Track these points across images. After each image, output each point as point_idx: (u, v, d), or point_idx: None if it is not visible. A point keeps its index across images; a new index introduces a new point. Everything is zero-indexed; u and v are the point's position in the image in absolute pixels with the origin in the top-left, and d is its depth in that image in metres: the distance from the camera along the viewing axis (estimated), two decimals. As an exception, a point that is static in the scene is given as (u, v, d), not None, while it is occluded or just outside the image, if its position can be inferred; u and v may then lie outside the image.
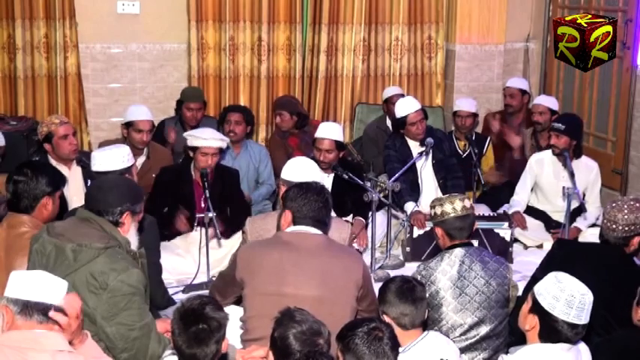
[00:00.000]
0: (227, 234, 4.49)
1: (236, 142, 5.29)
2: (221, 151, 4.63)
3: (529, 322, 2.54)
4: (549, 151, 4.96)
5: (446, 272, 3.23)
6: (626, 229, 3.23)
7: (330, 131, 4.72)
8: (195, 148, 4.50)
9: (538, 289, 2.52)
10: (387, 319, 2.77)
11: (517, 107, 5.95)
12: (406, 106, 5.00)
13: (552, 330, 2.47)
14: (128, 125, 4.95)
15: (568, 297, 2.44)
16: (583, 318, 2.45)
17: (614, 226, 3.24)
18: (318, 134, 4.73)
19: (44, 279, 2.32)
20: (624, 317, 2.96)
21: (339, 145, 4.73)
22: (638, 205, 3.27)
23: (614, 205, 3.29)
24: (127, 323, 2.71)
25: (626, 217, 3.22)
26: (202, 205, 4.51)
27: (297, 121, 5.65)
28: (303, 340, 2.39)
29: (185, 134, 4.69)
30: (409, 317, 2.77)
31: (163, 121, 5.82)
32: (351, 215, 4.82)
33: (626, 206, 3.25)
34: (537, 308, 2.49)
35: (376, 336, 2.34)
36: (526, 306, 2.58)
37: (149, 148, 5.05)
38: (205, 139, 4.49)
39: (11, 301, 2.26)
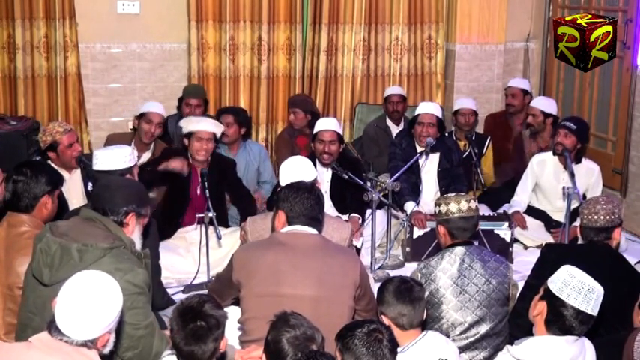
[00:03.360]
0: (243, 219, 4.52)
1: (230, 144, 5.28)
2: (216, 140, 4.67)
3: (537, 308, 2.60)
4: (550, 153, 4.96)
5: (446, 270, 3.23)
6: (607, 218, 3.33)
7: (330, 124, 4.84)
8: (190, 135, 4.54)
9: (550, 278, 2.59)
10: (385, 319, 2.78)
11: (519, 107, 5.94)
12: (423, 107, 5.12)
13: (558, 314, 2.52)
14: (140, 117, 5.09)
15: (577, 283, 2.51)
16: (590, 307, 2.50)
17: (595, 217, 3.33)
18: (319, 127, 4.80)
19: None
20: (623, 315, 2.96)
21: (340, 138, 4.82)
22: (611, 198, 3.47)
23: (588, 202, 3.44)
24: (132, 322, 2.71)
25: (604, 207, 3.34)
26: (198, 191, 4.56)
27: (311, 120, 5.58)
28: (295, 345, 2.38)
29: (180, 122, 4.76)
30: (407, 317, 2.76)
31: (166, 119, 5.83)
32: (348, 214, 4.83)
33: (601, 199, 3.41)
34: (547, 294, 2.57)
35: (376, 337, 2.34)
36: (537, 295, 2.64)
37: (155, 145, 5.09)
38: (199, 122, 4.60)
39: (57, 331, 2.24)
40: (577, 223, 4.75)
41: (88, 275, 2.29)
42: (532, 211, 5.11)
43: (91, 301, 2.22)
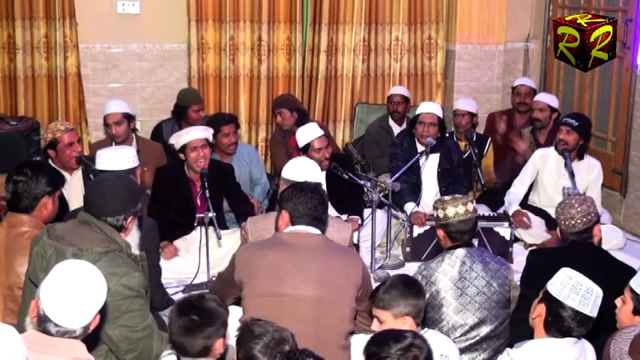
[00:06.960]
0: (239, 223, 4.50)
1: (233, 153, 5.15)
2: (210, 145, 4.60)
3: (536, 311, 2.60)
4: (553, 148, 4.96)
5: (447, 273, 3.23)
6: (584, 220, 3.30)
7: (317, 130, 4.67)
8: (184, 149, 4.49)
9: (550, 281, 2.59)
10: (380, 312, 2.76)
11: (530, 105, 5.87)
12: (424, 106, 5.11)
13: (557, 316, 2.52)
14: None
15: (575, 284, 2.52)
16: (588, 308, 2.50)
17: (572, 222, 3.30)
18: (309, 137, 4.61)
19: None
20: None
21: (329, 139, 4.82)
22: (583, 197, 3.40)
23: (562, 206, 3.38)
24: (130, 325, 2.71)
25: (579, 209, 3.30)
26: (198, 202, 4.53)
27: (298, 118, 5.52)
28: (269, 354, 2.34)
29: (170, 140, 4.64)
30: (414, 310, 2.75)
31: (160, 124, 5.79)
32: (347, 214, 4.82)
33: (574, 201, 3.35)
34: (546, 296, 2.57)
35: (414, 356, 2.20)
36: (537, 299, 2.64)
37: (139, 142, 5.04)
38: (188, 133, 4.52)
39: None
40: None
41: (69, 265, 2.29)
42: (532, 210, 5.09)
43: (78, 289, 2.23)
